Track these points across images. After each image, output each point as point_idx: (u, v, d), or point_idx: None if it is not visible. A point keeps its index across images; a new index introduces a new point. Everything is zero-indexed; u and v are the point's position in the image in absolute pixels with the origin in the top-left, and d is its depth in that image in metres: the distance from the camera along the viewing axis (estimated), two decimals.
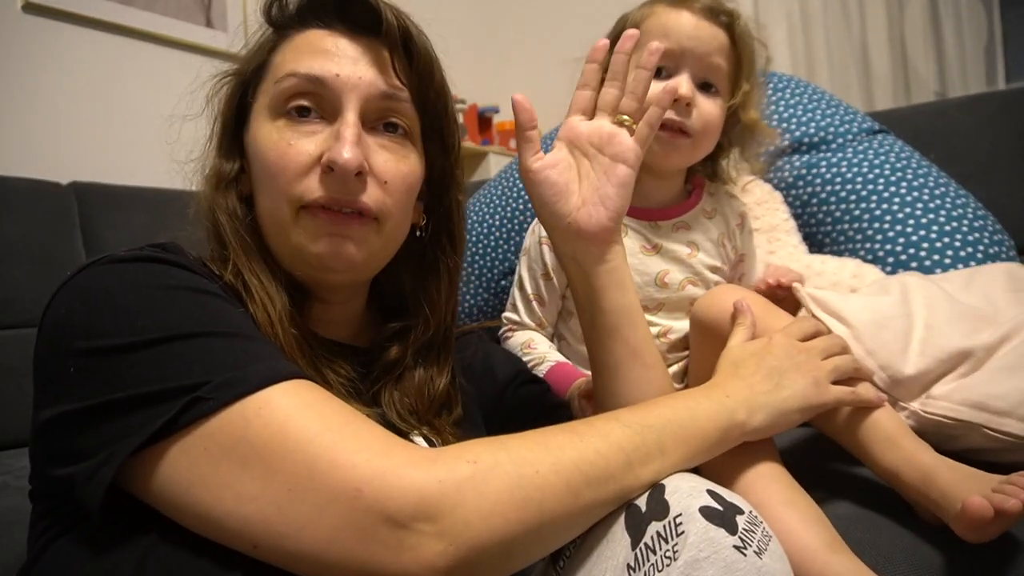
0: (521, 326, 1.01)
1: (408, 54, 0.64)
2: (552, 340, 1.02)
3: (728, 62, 0.90)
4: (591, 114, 0.70)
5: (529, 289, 1.00)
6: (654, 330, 0.95)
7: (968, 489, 0.59)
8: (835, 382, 0.69)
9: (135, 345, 0.46)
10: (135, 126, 1.73)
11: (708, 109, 0.90)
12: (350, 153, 0.58)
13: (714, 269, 0.98)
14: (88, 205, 1.50)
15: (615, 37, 0.96)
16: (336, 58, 0.61)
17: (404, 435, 0.66)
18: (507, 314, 1.04)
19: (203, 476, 0.44)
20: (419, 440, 0.66)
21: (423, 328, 0.71)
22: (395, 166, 0.63)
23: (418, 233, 0.71)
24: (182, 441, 0.45)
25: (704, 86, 0.90)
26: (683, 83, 0.87)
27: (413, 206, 0.68)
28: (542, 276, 0.98)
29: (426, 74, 0.65)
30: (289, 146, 0.60)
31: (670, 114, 0.88)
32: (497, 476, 0.45)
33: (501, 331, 1.04)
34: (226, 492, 0.44)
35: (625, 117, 0.68)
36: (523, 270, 1.01)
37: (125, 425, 0.45)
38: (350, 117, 0.60)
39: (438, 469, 0.44)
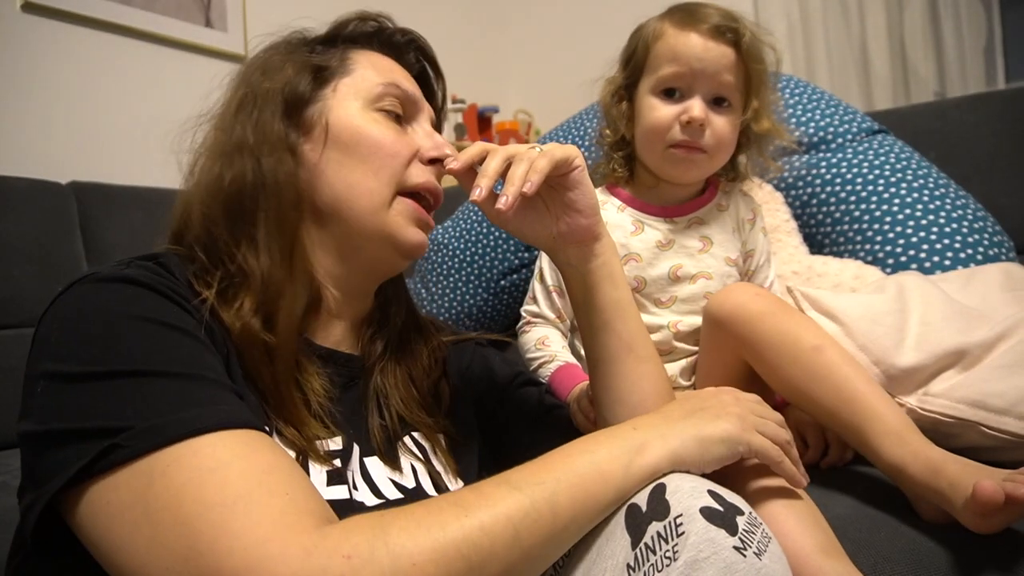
0: (541, 318, 1.02)
1: (434, 90, 0.77)
2: (568, 335, 1.03)
3: (737, 76, 0.92)
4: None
5: (550, 281, 1.02)
6: (663, 322, 0.96)
7: (978, 478, 0.59)
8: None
9: (85, 376, 0.47)
10: (135, 126, 1.72)
11: (720, 126, 0.92)
12: (451, 150, 0.68)
13: (729, 261, 1.00)
14: (87, 205, 1.50)
15: (630, 54, 0.98)
16: (412, 84, 0.71)
17: (396, 438, 0.67)
18: (527, 307, 1.05)
19: (106, 527, 0.44)
20: (411, 446, 0.67)
21: (397, 310, 0.74)
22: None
23: None
24: (94, 488, 0.45)
25: (717, 100, 0.92)
26: (695, 106, 0.91)
27: None
28: None
29: (443, 105, 0.78)
30: (396, 135, 0.67)
31: (686, 136, 0.91)
32: (371, 574, 0.43)
33: (519, 324, 1.05)
34: (121, 547, 0.44)
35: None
36: (543, 262, 1.03)
37: (60, 458, 0.45)
38: (427, 126, 0.71)
39: (311, 566, 0.42)
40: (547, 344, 0.98)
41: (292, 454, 0.56)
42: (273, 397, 0.58)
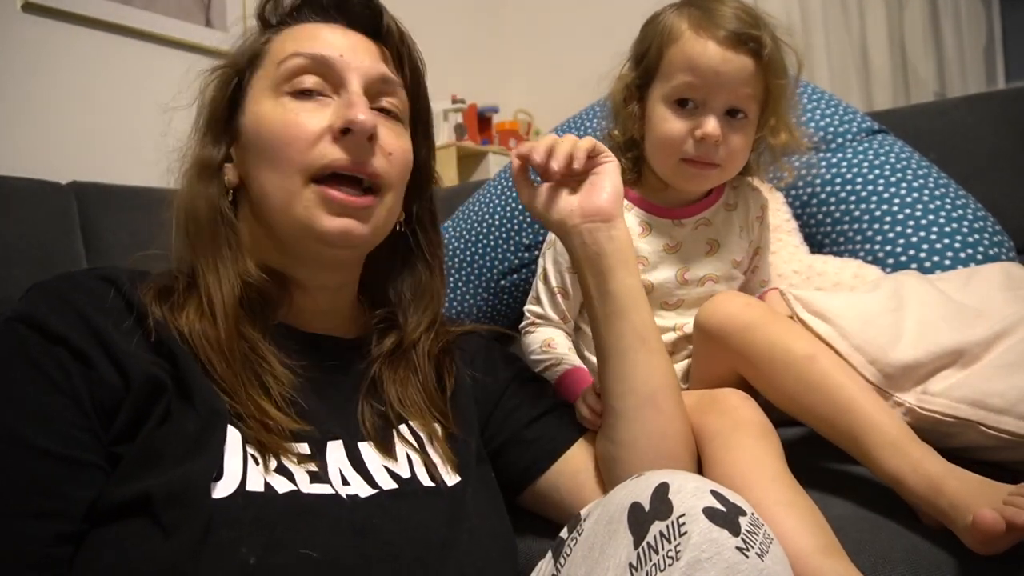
0: (545, 319, 1.01)
1: (400, 53, 0.69)
2: (572, 335, 1.03)
3: (755, 88, 0.89)
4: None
5: (554, 282, 1.00)
6: (668, 324, 0.96)
7: (978, 500, 0.58)
8: None
9: None
10: (135, 126, 1.72)
11: (735, 141, 0.90)
12: (366, 115, 0.61)
13: (735, 263, 0.99)
14: (88, 205, 1.50)
15: (643, 53, 0.93)
16: (337, 44, 0.65)
17: (392, 426, 0.67)
18: (530, 307, 1.03)
19: None
20: (407, 435, 0.67)
21: (416, 320, 0.73)
22: (396, 140, 0.66)
23: (398, 227, 0.73)
24: None
25: (731, 112, 0.89)
26: (710, 124, 0.87)
27: (405, 187, 0.70)
28: (567, 269, 0.99)
29: (415, 72, 0.71)
30: (297, 117, 0.62)
31: (699, 153, 0.89)
32: None
33: (523, 324, 1.04)
34: None
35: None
36: (548, 263, 1.01)
37: None
38: (356, 88, 0.63)
39: None
40: (553, 346, 0.97)
41: (261, 457, 0.56)
42: (233, 390, 0.57)
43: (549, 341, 0.98)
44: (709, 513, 0.47)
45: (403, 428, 0.67)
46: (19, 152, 1.57)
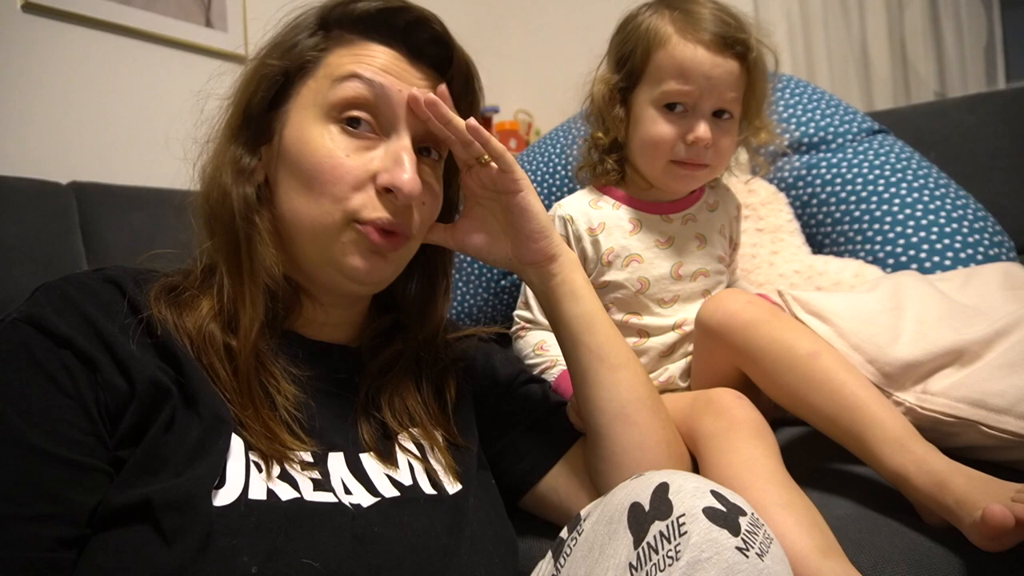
0: (535, 324, 1.01)
1: (460, 92, 0.67)
2: None
3: (740, 89, 0.90)
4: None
5: None
6: (669, 322, 0.96)
7: (985, 497, 0.58)
8: None
9: None
10: (135, 126, 1.72)
11: (723, 142, 0.91)
12: (414, 183, 0.60)
13: (721, 259, 1.01)
14: (88, 205, 1.50)
15: (626, 56, 0.93)
16: (398, 75, 0.63)
17: (394, 436, 0.66)
18: (519, 312, 1.04)
19: None
20: (408, 444, 0.67)
21: (417, 332, 0.72)
22: (432, 190, 0.66)
23: None
24: None
25: (717, 112, 0.90)
26: (702, 127, 0.88)
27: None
28: None
29: (472, 108, 0.70)
30: (347, 157, 0.61)
31: (690, 155, 0.90)
32: None
33: (513, 329, 1.04)
34: None
35: (483, 158, 0.67)
36: None
37: None
38: (406, 141, 0.62)
39: None
40: (546, 348, 0.97)
41: (264, 464, 0.55)
42: (238, 402, 0.57)
43: (542, 343, 0.98)
44: (709, 513, 0.47)
45: (404, 437, 0.67)
46: (19, 152, 1.57)
